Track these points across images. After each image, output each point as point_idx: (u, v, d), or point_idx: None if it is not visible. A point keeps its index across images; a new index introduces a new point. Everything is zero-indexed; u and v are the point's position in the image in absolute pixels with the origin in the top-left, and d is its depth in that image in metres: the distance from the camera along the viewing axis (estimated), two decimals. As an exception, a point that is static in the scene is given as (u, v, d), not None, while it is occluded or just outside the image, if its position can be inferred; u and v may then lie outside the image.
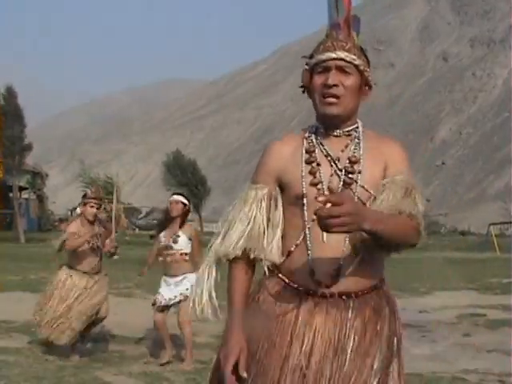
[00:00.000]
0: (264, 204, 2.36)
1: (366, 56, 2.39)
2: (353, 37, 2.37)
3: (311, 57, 2.37)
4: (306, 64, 2.38)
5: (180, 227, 6.60)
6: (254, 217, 2.35)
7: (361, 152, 2.33)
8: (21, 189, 40.22)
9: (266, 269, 2.35)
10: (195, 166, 51.59)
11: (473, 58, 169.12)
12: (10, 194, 36.24)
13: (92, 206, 6.69)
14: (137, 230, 48.53)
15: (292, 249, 2.32)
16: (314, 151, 2.36)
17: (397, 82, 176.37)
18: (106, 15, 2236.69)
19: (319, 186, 2.30)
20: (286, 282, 2.33)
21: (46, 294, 6.72)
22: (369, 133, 2.41)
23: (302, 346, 2.24)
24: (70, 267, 6.68)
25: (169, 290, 6.56)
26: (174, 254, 6.56)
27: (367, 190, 2.29)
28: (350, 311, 2.27)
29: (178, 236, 6.55)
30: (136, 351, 7.33)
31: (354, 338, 2.25)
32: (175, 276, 6.56)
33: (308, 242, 2.29)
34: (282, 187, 2.38)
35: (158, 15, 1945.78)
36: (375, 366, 2.26)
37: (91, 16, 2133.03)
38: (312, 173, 2.32)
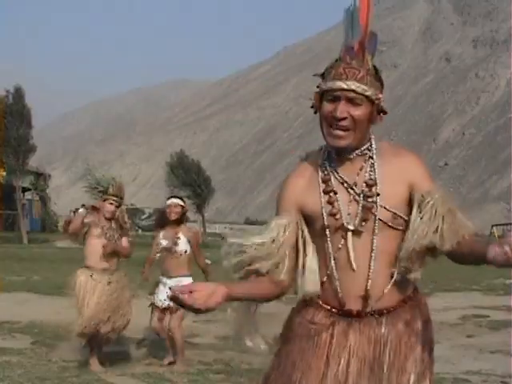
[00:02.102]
0: (288, 230, 2.31)
1: (380, 79, 2.32)
2: (367, 61, 2.29)
3: (322, 75, 2.32)
4: (317, 87, 2.32)
5: (178, 227, 6.64)
6: (273, 239, 2.30)
7: (376, 173, 2.30)
8: (24, 190, 40.26)
9: (299, 297, 2.33)
10: (200, 167, 51.54)
11: (476, 58, 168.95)
12: (14, 195, 36.21)
13: (111, 203, 6.52)
14: (140, 231, 48.51)
15: (324, 279, 2.33)
16: (329, 179, 2.33)
17: (400, 83, 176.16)
18: (110, 15, 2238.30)
19: (338, 216, 2.29)
20: (319, 305, 2.35)
21: (76, 298, 6.41)
22: (383, 147, 2.37)
23: (338, 366, 2.26)
24: (87, 267, 6.49)
25: (165, 292, 6.50)
26: (175, 255, 6.59)
27: (389, 210, 2.27)
28: (383, 327, 2.28)
29: (179, 238, 6.59)
30: (139, 352, 7.34)
31: (389, 354, 2.27)
32: (173, 277, 6.56)
33: (334, 271, 2.30)
34: (306, 220, 2.36)
35: (162, 15, 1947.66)
36: (411, 382, 2.27)
37: (94, 16, 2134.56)
38: (330, 202, 2.31)
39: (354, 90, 2.23)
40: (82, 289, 6.37)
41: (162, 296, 6.56)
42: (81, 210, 6.63)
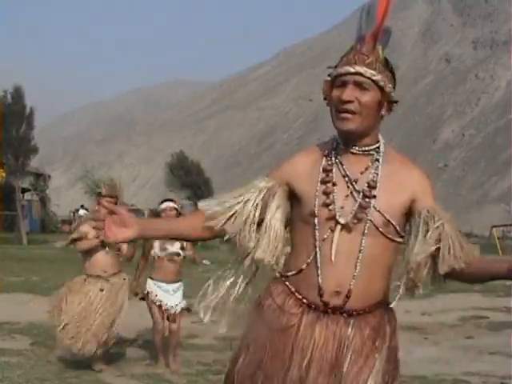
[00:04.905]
0: (262, 195, 2.34)
1: (391, 70, 2.34)
2: (377, 51, 2.30)
3: (336, 67, 2.34)
4: (329, 75, 2.35)
5: None
6: (247, 200, 2.33)
7: (379, 177, 2.29)
8: (23, 190, 40.24)
9: (247, 262, 2.33)
10: (199, 168, 51.56)
11: (476, 59, 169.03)
12: (13, 196, 36.18)
13: None
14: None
15: (303, 267, 2.31)
16: (331, 170, 2.33)
17: (399, 84, 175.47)
18: (110, 15, 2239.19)
19: (331, 207, 2.28)
20: (291, 291, 2.34)
21: (60, 298, 6.40)
22: (390, 154, 2.37)
23: (301, 359, 2.25)
24: (86, 273, 6.46)
25: (168, 297, 6.49)
26: (179, 260, 6.53)
27: (383, 215, 2.26)
28: (350, 328, 2.27)
29: (182, 242, 6.49)
30: (138, 353, 7.33)
31: (350, 356, 2.25)
32: (173, 283, 6.52)
33: (318, 262, 2.28)
34: (295, 199, 2.37)
35: (162, 15, 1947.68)
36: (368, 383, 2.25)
37: (94, 16, 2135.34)
38: (326, 193, 2.30)
39: (361, 74, 2.24)
40: (73, 293, 6.36)
41: (168, 301, 6.46)
42: (81, 211, 6.65)
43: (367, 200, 2.27)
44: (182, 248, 6.53)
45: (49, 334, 7.86)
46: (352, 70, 2.25)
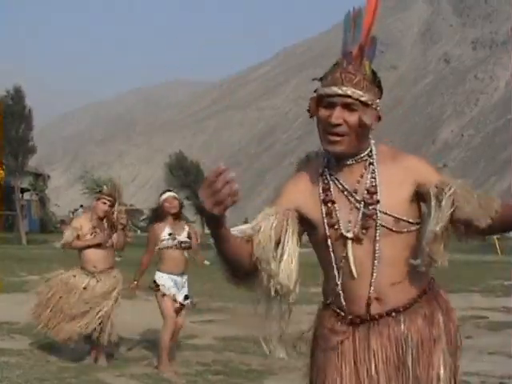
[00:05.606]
0: (274, 221, 2.25)
1: (378, 85, 2.29)
2: (364, 66, 2.25)
3: (321, 79, 2.29)
4: (315, 91, 2.29)
5: (181, 221, 6.51)
6: (261, 230, 2.24)
7: (377, 179, 2.28)
8: (23, 190, 40.25)
9: (272, 288, 2.23)
10: (199, 168, 51.57)
11: (475, 60, 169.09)
12: (13, 196, 36.19)
13: (104, 203, 6.51)
14: (139, 231, 48.47)
15: (337, 289, 2.33)
16: (329, 188, 2.31)
17: (399, 85, 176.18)
18: (110, 15, 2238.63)
19: (336, 226, 2.28)
20: (337, 313, 2.36)
21: (46, 291, 6.54)
22: (382, 151, 2.34)
23: (367, 372, 2.27)
24: (80, 267, 6.57)
25: (178, 291, 6.36)
26: (186, 250, 6.44)
27: (391, 215, 2.25)
28: (402, 325, 2.28)
29: (189, 232, 6.45)
30: (137, 353, 7.32)
31: (411, 351, 2.26)
32: (181, 275, 6.41)
33: (346, 279, 2.30)
34: (307, 226, 2.35)
35: (162, 15, 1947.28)
36: (442, 375, 2.27)
37: (94, 16, 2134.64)
38: (329, 213, 2.29)
39: (349, 96, 2.20)
40: (59, 286, 6.48)
41: (178, 295, 6.35)
42: (80, 211, 6.71)
43: (370, 208, 2.26)
44: (189, 237, 6.45)
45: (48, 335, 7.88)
46: (340, 91, 2.21)
